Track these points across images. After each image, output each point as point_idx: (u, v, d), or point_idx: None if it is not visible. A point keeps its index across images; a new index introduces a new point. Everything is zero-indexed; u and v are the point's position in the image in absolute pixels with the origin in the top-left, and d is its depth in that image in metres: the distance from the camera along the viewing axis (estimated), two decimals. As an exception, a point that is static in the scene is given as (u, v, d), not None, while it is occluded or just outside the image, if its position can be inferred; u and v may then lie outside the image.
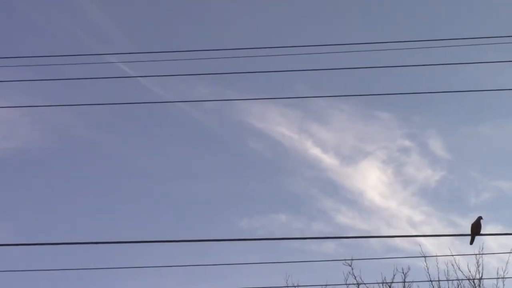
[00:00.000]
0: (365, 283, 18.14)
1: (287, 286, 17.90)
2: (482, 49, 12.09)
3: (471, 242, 11.74)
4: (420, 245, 18.02)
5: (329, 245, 23.87)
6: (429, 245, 17.80)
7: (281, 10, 28.25)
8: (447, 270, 17.85)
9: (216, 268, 12.95)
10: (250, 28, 28.86)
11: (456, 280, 17.72)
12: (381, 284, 18.04)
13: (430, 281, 17.72)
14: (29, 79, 12.77)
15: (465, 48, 12.13)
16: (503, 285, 17.69)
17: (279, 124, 27.37)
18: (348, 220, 26.30)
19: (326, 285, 16.61)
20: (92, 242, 10.15)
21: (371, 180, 27.19)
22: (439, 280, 17.70)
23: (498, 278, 17.46)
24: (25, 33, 27.71)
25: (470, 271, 17.75)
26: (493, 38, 11.91)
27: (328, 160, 27.18)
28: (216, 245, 10.34)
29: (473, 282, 17.69)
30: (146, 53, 12.58)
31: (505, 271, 17.50)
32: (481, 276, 17.65)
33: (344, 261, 17.82)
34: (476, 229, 11.65)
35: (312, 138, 27.40)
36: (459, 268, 17.76)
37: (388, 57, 12.43)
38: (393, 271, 18.13)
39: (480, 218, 11.65)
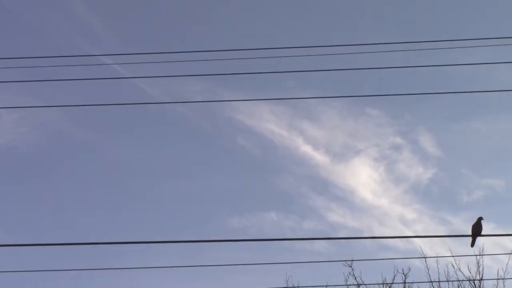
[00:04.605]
0: (365, 284, 18.11)
1: (287, 287, 17.90)
2: (474, 48, 12.13)
3: (472, 244, 11.58)
4: (412, 243, 17.93)
5: (321, 243, 23.85)
6: (421, 243, 17.75)
7: (272, 10, 28.31)
8: (447, 271, 17.87)
9: (209, 267, 12.94)
10: (241, 27, 28.92)
11: (456, 281, 17.73)
12: (381, 285, 18.02)
13: (431, 282, 17.71)
14: (19, 80, 12.82)
15: (457, 46, 12.18)
16: (504, 286, 17.70)
17: (268, 121, 27.35)
18: (339, 218, 26.29)
19: (326, 285, 16.60)
20: (79, 243, 10.04)
21: (363, 177, 27.18)
22: (439, 281, 17.70)
23: (499, 279, 17.46)
24: (16, 33, 27.76)
25: (470, 272, 17.77)
26: (484, 40, 11.98)
27: (319, 157, 27.16)
28: (210, 243, 10.36)
29: (474, 283, 17.69)
30: (138, 54, 12.60)
31: (505, 271, 17.52)
32: (482, 277, 17.65)
33: (344, 262, 17.78)
34: (476, 230, 11.47)
35: (303, 135, 27.38)
36: (459, 269, 17.77)
37: (380, 56, 12.44)
38: (393, 271, 18.11)
39: (480, 218, 11.38)
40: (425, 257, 17.49)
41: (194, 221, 26.54)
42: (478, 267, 17.79)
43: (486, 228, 11.41)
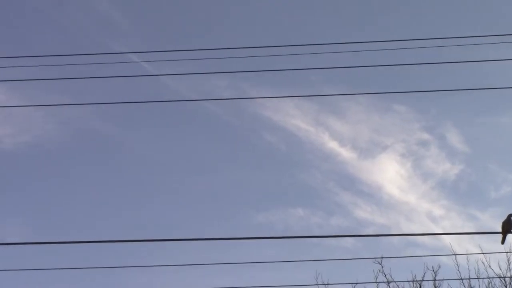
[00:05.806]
0: (395, 281, 17.99)
1: (317, 284, 17.83)
2: (502, 43, 12.01)
3: (503, 241, 11.45)
4: (440, 240, 17.77)
5: (348, 240, 23.73)
6: (450, 240, 17.63)
7: (299, 6, 28.19)
8: (477, 268, 17.70)
9: (235, 264, 12.91)
10: (268, 23, 28.84)
11: (487, 278, 17.56)
12: (411, 282, 17.89)
13: (461, 279, 17.57)
14: (47, 78, 12.90)
15: (484, 42, 12.07)
16: (535, 282, 17.51)
17: (294, 116, 27.23)
18: (366, 215, 26.14)
19: (356, 283, 16.54)
20: (102, 241, 10.03)
21: (389, 173, 27.02)
22: (469, 278, 17.55)
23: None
24: (43, 31, 27.92)
25: (500, 269, 17.61)
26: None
27: (345, 153, 27.02)
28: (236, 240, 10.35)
29: (504, 280, 17.52)
30: (164, 51, 12.62)
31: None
32: (512, 274, 17.49)
33: (374, 259, 17.69)
34: (507, 227, 11.34)
35: (328, 131, 27.23)
36: (489, 266, 17.60)
37: (406, 52, 12.34)
38: (423, 269, 17.98)
39: (510, 215, 11.27)
40: (455, 254, 17.38)
41: (220, 217, 26.52)
42: (509, 264, 17.64)
43: (514, 224, 11.28)
